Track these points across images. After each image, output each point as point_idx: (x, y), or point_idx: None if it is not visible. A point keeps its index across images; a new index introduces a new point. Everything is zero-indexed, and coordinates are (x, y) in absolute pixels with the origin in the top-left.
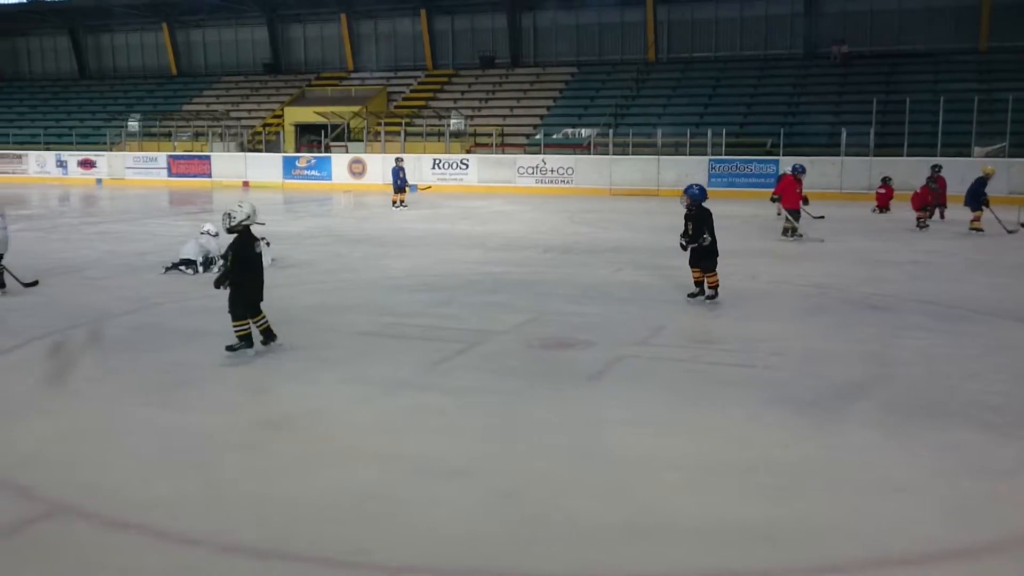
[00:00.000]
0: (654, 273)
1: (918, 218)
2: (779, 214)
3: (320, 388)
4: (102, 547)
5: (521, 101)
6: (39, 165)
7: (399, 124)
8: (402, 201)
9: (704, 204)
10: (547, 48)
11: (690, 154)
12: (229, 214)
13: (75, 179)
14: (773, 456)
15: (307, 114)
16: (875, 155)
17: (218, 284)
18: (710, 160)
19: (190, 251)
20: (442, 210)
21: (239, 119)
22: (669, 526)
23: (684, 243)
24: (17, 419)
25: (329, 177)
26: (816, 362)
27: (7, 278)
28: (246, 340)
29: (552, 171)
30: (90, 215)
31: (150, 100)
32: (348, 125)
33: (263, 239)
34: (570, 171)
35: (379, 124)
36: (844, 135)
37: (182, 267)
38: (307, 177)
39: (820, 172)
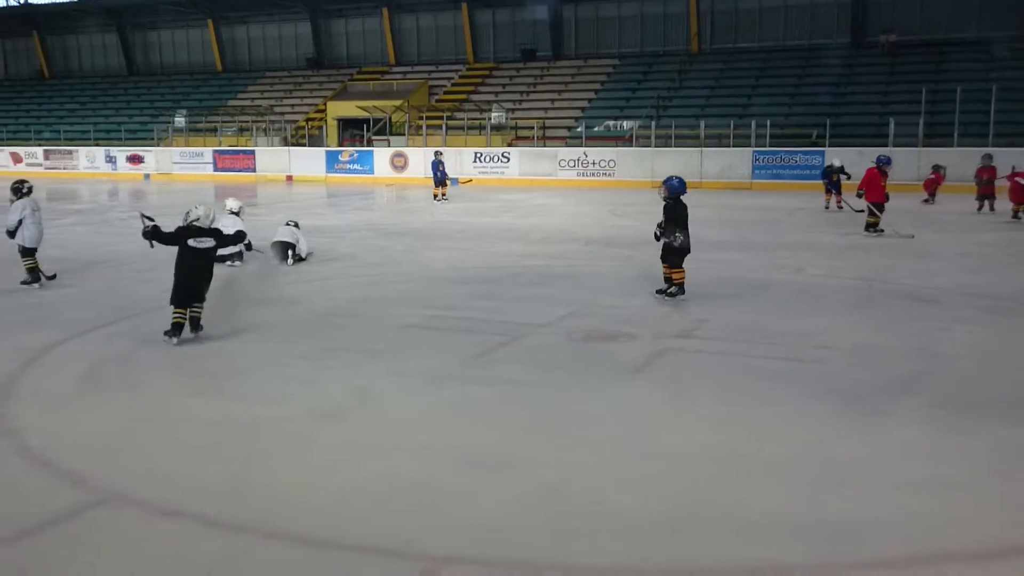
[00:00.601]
0: (697, 265)
1: (1014, 210)
2: (860, 210)
3: (366, 380)
4: (154, 533)
5: (562, 94)
6: (89, 161)
7: (440, 118)
8: (443, 194)
9: (682, 198)
10: (589, 40)
11: (733, 146)
12: (187, 212)
13: (124, 174)
14: (820, 451)
15: (349, 108)
16: (924, 145)
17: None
18: (754, 152)
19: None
20: (484, 203)
21: (283, 114)
22: (714, 520)
23: (659, 233)
24: (72, 409)
25: (371, 171)
26: (864, 356)
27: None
28: (176, 329)
29: (594, 164)
30: (139, 209)
31: (196, 96)
32: (390, 119)
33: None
34: (612, 164)
35: (420, 118)
36: (892, 125)
37: (235, 262)
38: (349, 171)
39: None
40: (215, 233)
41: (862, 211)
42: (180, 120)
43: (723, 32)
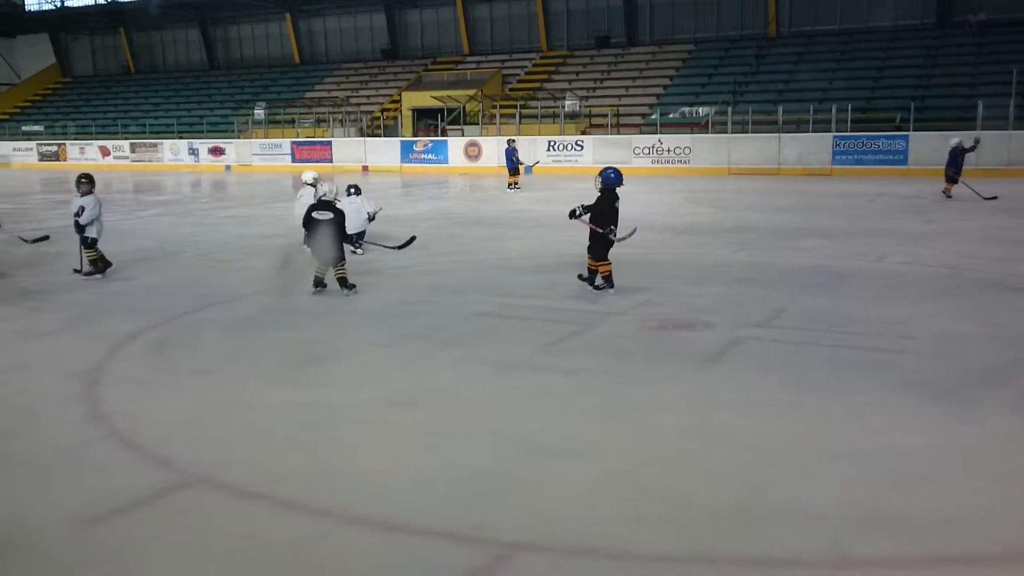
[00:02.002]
0: (776, 254)
1: None
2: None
3: (439, 367)
4: (237, 515)
5: (637, 80)
6: (173, 153)
7: (514, 106)
8: (516, 183)
9: (616, 190)
10: (663, 26)
11: (813, 131)
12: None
13: (206, 166)
14: (903, 442)
15: (424, 98)
16: (1014, 128)
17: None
18: (834, 137)
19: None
20: (557, 192)
21: (358, 105)
22: (789, 511)
23: (579, 212)
24: (159, 395)
25: (445, 160)
26: (949, 346)
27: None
28: (316, 283)
29: (668, 151)
30: (220, 200)
31: (275, 88)
32: (464, 108)
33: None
34: (687, 151)
35: (494, 107)
36: (980, 108)
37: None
38: (424, 161)
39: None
40: (335, 209)
41: (994, 198)
42: (259, 112)
43: (802, 14)
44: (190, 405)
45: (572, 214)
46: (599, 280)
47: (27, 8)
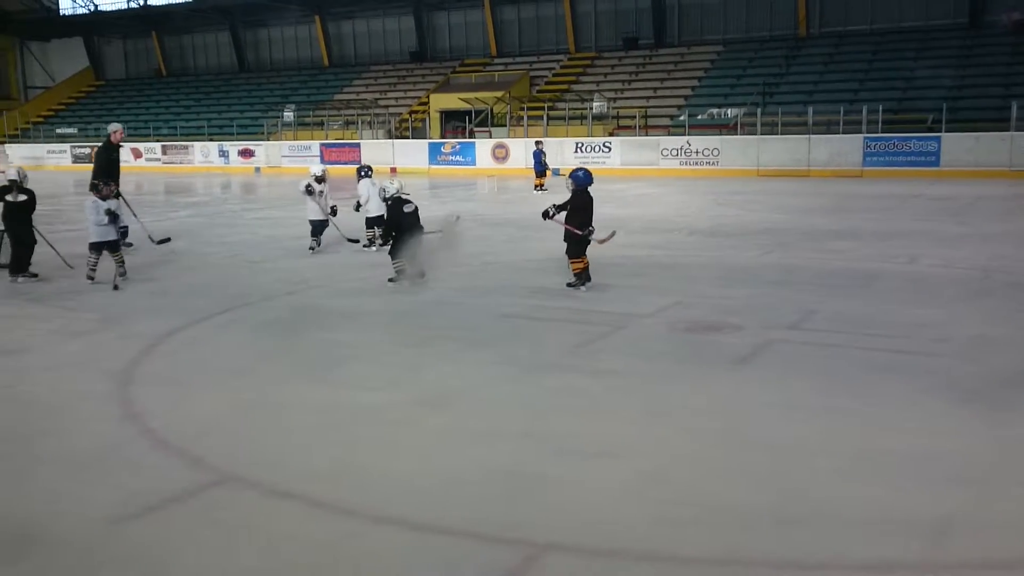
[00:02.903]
0: (806, 256)
1: None
2: None
3: (469, 368)
4: (268, 514)
5: (665, 82)
6: (203, 155)
7: (542, 108)
8: (542, 185)
9: (588, 189)
10: (692, 27)
11: (843, 132)
12: (383, 188)
13: (236, 167)
14: (937, 446)
15: (452, 100)
16: None
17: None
18: (865, 138)
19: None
20: None
21: (387, 107)
22: (821, 514)
23: (551, 212)
24: (191, 394)
25: (473, 162)
26: (983, 349)
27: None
28: (399, 274)
29: (697, 152)
30: (250, 202)
31: (304, 91)
32: (491, 110)
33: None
34: (715, 152)
35: (522, 109)
36: (1014, 109)
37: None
38: (452, 163)
39: (988, 149)
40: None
41: None
42: (289, 115)
43: (833, 15)
44: (222, 404)
45: (545, 215)
46: (571, 277)
47: (62, 12)
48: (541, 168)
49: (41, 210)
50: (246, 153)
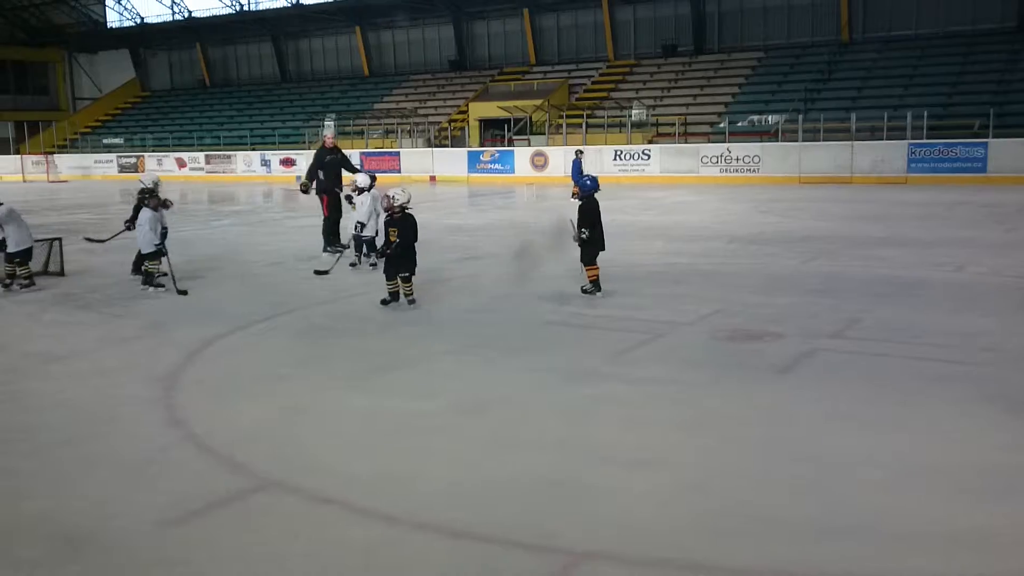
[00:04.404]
0: (850, 263)
1: None
2: None
3: (509, 375)
4: (309, 519)
5: (705, 89)
6: (246, 164)
7: (580, 116)
8: (577, 193)
9: (595, 195)
10: (732, 33)
11: (887, 139)
12: (391, 196)
13: (277, 177)
14: (985, 458)
15: (490, 109)
16: None
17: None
18: (909, 144)
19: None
20: (624, 201)
21: (426, 116)
22: (868, 527)
23: (575, 236)
24: (234, 400)
25: (512, 170)
26: None
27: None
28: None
29: (737, 160)
30: (291, 210)
31: (344, 100)
32: (530, 118)
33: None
34: (756, 159)
35: (560, 117)
36: None
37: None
38: (491, 171)
39: None
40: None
41: None
42: (329, 124)
43: (876, 20)
44: (264, 410)
45: (575, 238)
46: (586, 284)
47: (109, 25)
48: (579, 177)
49: (89, 219)
50: (287, 162)
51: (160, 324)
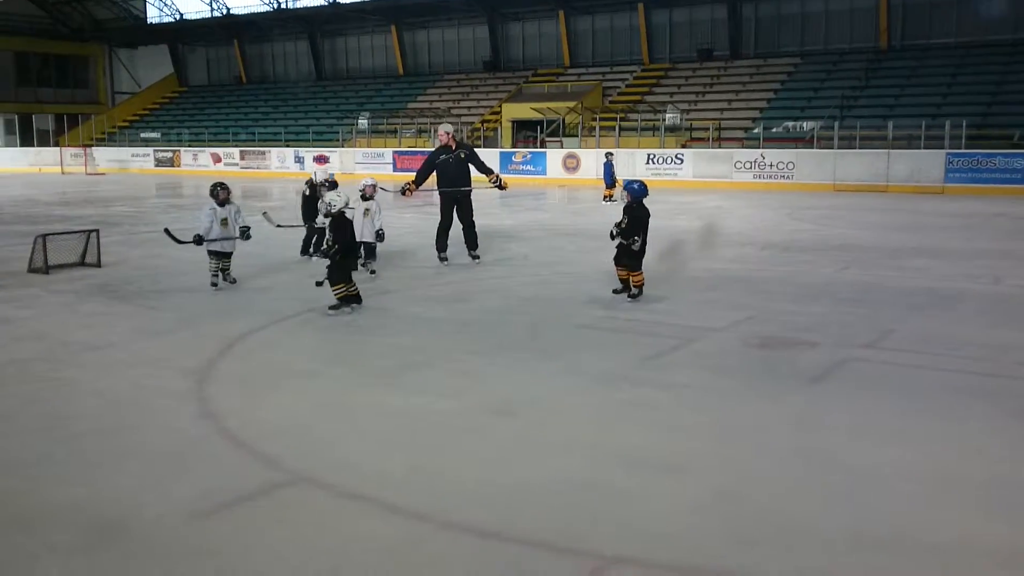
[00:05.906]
0: (884, 273)
1: None
2: None
3: (538, 378)
4: (339, 515)
5: (740, 94)
6: (280, 161)
7: (614, 119)
8: (611, 196)
9: (644, 202)
10: (768, 39)
11: (924, 147)
12: (329, 203)
13: (311, 174)
14: (1019, 472)
15: (524, 110)
16: None
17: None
18: (947, 154)
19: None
20: (656, 205)
21: (459, 116)
22: (900, 539)
23: (615, 232)
24: (265, 394)
25: (544, 172)
26: None
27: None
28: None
29: (771, 166)
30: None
31: (378, 99)
32: (563, 120)
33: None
34: (790, 166)
35: (594, 119)
36: None
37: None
38: (523, 172)
39: None
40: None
41: None
42: (363, 122)
43: (916, 27)
44: (295, 405)
45: (612, 236)
46: (632, 290)
47: (149, 20)
48: (611, 179)
49: (125, 211)
50: (321, 159)
51: (195, 318)
